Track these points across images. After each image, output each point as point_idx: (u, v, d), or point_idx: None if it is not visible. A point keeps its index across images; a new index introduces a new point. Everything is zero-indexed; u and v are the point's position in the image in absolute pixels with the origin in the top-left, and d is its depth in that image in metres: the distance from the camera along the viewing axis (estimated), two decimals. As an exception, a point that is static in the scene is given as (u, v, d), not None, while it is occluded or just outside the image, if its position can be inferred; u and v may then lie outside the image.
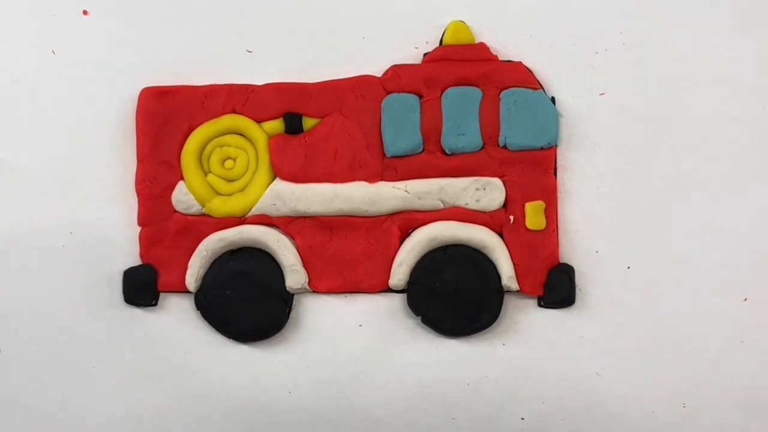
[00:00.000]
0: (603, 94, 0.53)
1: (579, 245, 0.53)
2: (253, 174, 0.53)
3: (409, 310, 0.53)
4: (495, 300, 0.52)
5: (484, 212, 0.53)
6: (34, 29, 0.55)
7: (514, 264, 0.52)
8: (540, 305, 0.53)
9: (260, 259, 0.53)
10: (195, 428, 0.54)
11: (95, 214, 0.54)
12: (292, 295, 0.54)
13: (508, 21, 0.54)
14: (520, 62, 0.53)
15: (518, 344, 0.53)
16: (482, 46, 0.53)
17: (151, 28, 0.55)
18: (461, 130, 0.52)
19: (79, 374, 0.54)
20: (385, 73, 0.53)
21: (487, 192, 0.53)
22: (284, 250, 0.53)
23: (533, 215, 0.52)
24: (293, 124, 0.53)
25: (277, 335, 0.54)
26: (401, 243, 0.53)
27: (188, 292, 0.53)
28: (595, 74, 0.54)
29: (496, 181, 0.53)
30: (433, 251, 0.53)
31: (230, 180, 0.54)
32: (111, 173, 0.54)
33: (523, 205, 0.52)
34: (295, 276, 0.53)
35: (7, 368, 0.54)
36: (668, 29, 0.54)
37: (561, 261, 0.53)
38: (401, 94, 0.53)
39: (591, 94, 0.54)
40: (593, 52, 0.53)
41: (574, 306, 0.53)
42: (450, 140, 0.52)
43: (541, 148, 0.52)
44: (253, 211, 0.53)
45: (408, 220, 0.53)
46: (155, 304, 0.54)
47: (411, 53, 0.54)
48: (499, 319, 0.53)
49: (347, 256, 0.53)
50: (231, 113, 0.54)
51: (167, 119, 0.53)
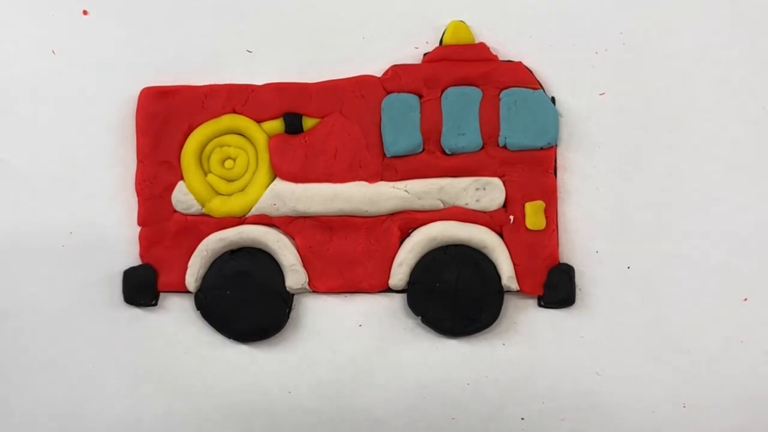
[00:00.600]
0: (603, 94, 0.53)
1: (579, 245, 0.53)
2: (253, 174, 0.53)
3: (409, 310, 0.53)
4: (495, 300, 0.52)
5: (484, 212, 0.53)
6: (34, 29, 0.55)
7: (514, 264, 0.52)
8: (540, 305, 0.53)
9: (260, 259, 0.53)
10: (195, 428, 0.54)
11: (95, 214, 0.54)
12: (292, 295, 0.54)
13: (508, 21, 0.54)
14: (520, 62, 0.53)
15: (518, 344, 0.53)
16: (482, 46, 0.53)
17: (151, 28, 0.55)
18: (461, 130, 0.52)
19: (79, 374, 0.54)
20: (385, 73, 0.53)
21: (487, 192, 0.53)
22: (284, 250, 0.53)
23: (533, 215, 0.52)
24: (293, 124, 0.53)
25: (277, 335, 0.54)
26: (401, 243, 0.53)
27: (188, 292, 0.53)
28: (595, 74, 0.54)
29: (496, 181, 0.53)
30: (433, 251, 0.53)
31: (230, 180, 0.54)
32: (111, 173, 0.54)
33: (523, 205, 0.52)
34: (295, 276, 0.53)
35: (6, 368, 0.54)
36: (668, 29, 0.54)
37: (561, 261, 0.53)
38: (401, 94, 0.53)
39: (591, 94, 0.54)
40: (593, 52, 0.53)
41: (574, 306, 0.53)
42: (450, 140, 0.52)
43: (541, 148, 0.52)
44: (253, 211, 0.53)
45: (408, 220, 0.53)
46: (155, 304, 0.54)
47: (411, 53, 0.54)
48: (499, 319, 0.53)
49: (347, 256, 0.53)
50: (231, 113, 0.53)
51: (167, 119, 0.53)
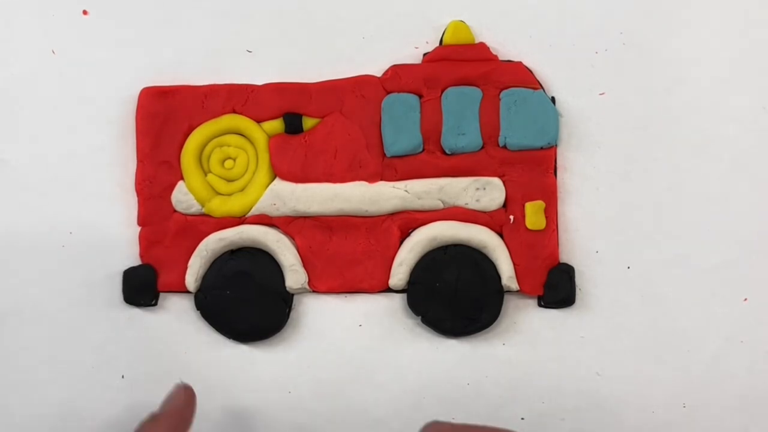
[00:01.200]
0: (603, 94, 0.53)
1: (579, 245, 0.53)
2: (253, 174, 0.53)
3: (409, 310, 0.53)
4: (495, 300, 0.52)
5: (484, 212, 0.53)
6: (34, 29, 0.55)
7: (514, 264, 0.52)
8: (540, 305, 0.53)
9: (260, 259, 0.53)
10: (195, 428, 0.54)
11: (95, 214, 0.54)
12: (292, 295, 0.54)
13: (508, 21, 0.54)
14: (520, 62, 0.53)
15: (518, 344, 0.53)
16: (482, 46, 0.53)
17: (150, 28, 0.55)
18: (461, 130, 0.52)
19: (79, 374, 0.54)
20: (385, 73, 0.53)
21: (487, 192, 0.53)
22: (284, 250, 0.53)
23: (533, 215, 0.52)
24: (293, 124, 0.53)
25: (277, 335, 0.54)
26: (401, 243, 0.53)
27: (188, 292, 0.53)
28: (595, 74, 0.54)
29: (496, 181, 0.53)
30: (433, 251, 0.53)
31: (230, 180, 0.54)
32: (111, 173, 0.54)
33: (523, 205, 0.52)
34: (295, 276, 0.53)
35: (5, 368, 0.54)
36: (668, 29, 0.54)
37: (561, 261, 0.53)
38: (401, 94, 0.53)
39: (591, 94, 0.54)
40: (593, 52, 0.53)
41: (574, 306, 0.53)
42: (450, 140, 0.52)
43: (541, 148, 0.52)
44: (253, 211, 0.53)
45: (408, 220, 0.53)
46: (155, 304, 0.54)
47: (411, 53, 0.54)
48: (499, 319, 0.53)
49: (347, 256, 0.53)
50: (231, 113, 0.53)
51: (167, 119, 0.53)
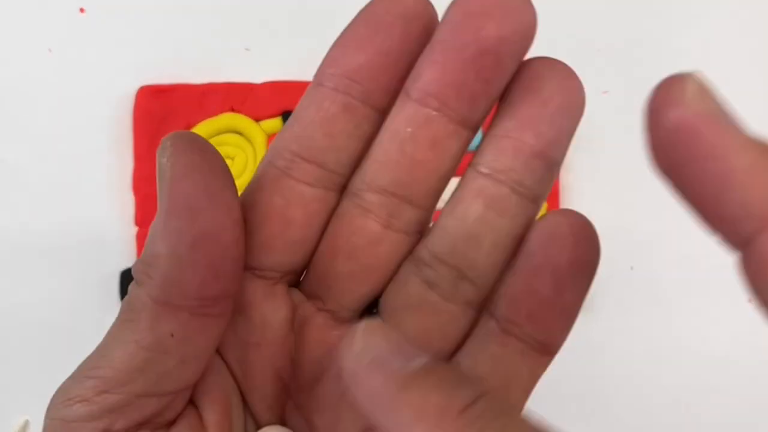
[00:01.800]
0: (603, 93, 0.53)
1: (579, 245, 0.53)
2: (252, 173, 0.53)
3: (409, 310, 0.53)
4: (495, 300, 0.52)
5: (485, 212, 0.53)
6: (30, 27, 0.54)
7: (514, 264, 0.52)
8: (540, 305, 0.53)
9: (259, 259, 0.53)
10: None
11: (92, 214, 0.54)
12: (292, 295, 0.53)
13: (508, 20, 0.54)
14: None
15: (518, 344, 0.53)
16: (483, 46, 0.53)
17: (148, 26, 0.54)
18: (463, 129, 0.52)
19: (76, 375, 0.54)
20: (385, 73, 0.53)
21: (487, 192, 0.52)
22: (284, 250, 0.52)
23: (533, 215, 0.52)
24: (292, 124, 0.53)
25: (277, 336, 0.53)
26: (401, 243, 0.53)
27: (186, 292, 0.53)
28: (595, 74, 0.54)
29: (497, 181, 0.52)
30: (432, 251, 0.52)
31: (229, 179, 0.53)
32: (108, 172, 0.54)
33: (524, 205, 0.52)
34: (294, 276, 0.52)
35: (5, 368, 0.54)
36: (668, 29, 0.54)
37: (561, 261, 0.53)
38: (402, 93, 0.52)
39: (591, 94, 0.53)
40: (593, 52, 0.53)
41: (574, 306, 0.53)
42: (451, 140, 0.52)
43: (542, 148, 0.52)
44: (252, 211, 0.53)
45: (408, 220, 0.53)
46: (153, 305, 0.54)
47: (411, 52, 0.53)
48: (499, 319, 0.53)
49: (347, 256, 0.53)
50: (229, 112, 0.53)
51: (165, 118, 0.53)
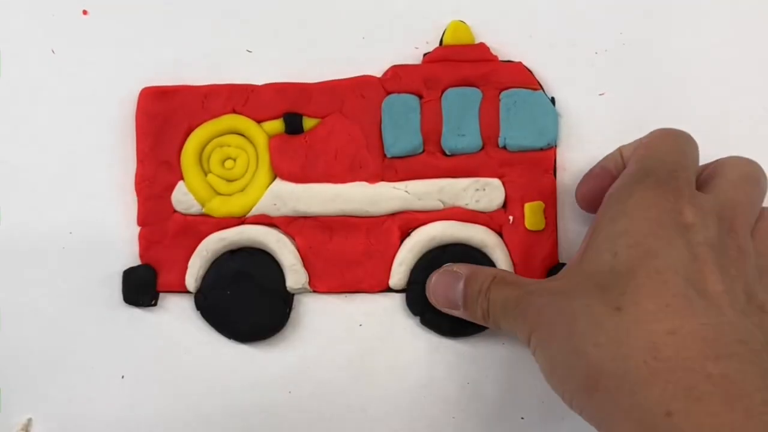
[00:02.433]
0: (603, 93, 0.53)
1: (578, 245, 0.53)
2: (254, 174, 0.53)
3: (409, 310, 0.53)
4: (495, 300, 0.52)
5: (484, 212, 0.53)
6: (34, 29, 0.55)
7: (514, 264, 0.52)
8: (540, 305, 0.53)
9: (260, 259, 0.53)
10: (195, 428, 0.54)
11: (94, 214, 0.54)
12: (292, 295, 0.54)
13: (508, 21, 0.54)
14: (520, 62, 0.53)
15: (518, 344, 0.53)
16: (482, 47, 0.53)
17: (150, 28, 0.54)
18: (461, 131, 0.52)
19: (78, 375, 0.54)
20: (385, 74, 0.53)
21: (486, 192, 0.53)
22: (284, 250, 0.53)
23: (532, 215, 0.52)
24: (293, 124, 0.53)
25: (277, 335, 0.54)
26: (401, 243, 0.53)
27: (188, 292, 0.53)
28: (595, 74, 0.54)
29: (496, 182, 0.52)
30: (432, 251, 0.53)
31: (230, 180, 0.54)
32: (111, 173, 0.54)
33: (523, 206, 0.52)
34: (295, 276, 0.53)
35: (5, 368, 0.54)
36: (668, 29, 0.54)
37: (560, 261, 0.53)
38: (401, 94, 0.52)
39: (591, 94, 0.54)
40: (593, 52, 0.53)
41: (574, 306, 0.53)
42: (450, 141, 0.52)
43: (541, 149, 0.52)
44: (254, 211, 0.53)
45: (408, 220, 0.53)
46: (155, 305, 0.54)
47: (411, 53, 0.54)
48: (499, 319, 0.53)
49: (347, 256, 0.53)
50: (231, 113, 0.53)
51: (167, 119, 0.53)
